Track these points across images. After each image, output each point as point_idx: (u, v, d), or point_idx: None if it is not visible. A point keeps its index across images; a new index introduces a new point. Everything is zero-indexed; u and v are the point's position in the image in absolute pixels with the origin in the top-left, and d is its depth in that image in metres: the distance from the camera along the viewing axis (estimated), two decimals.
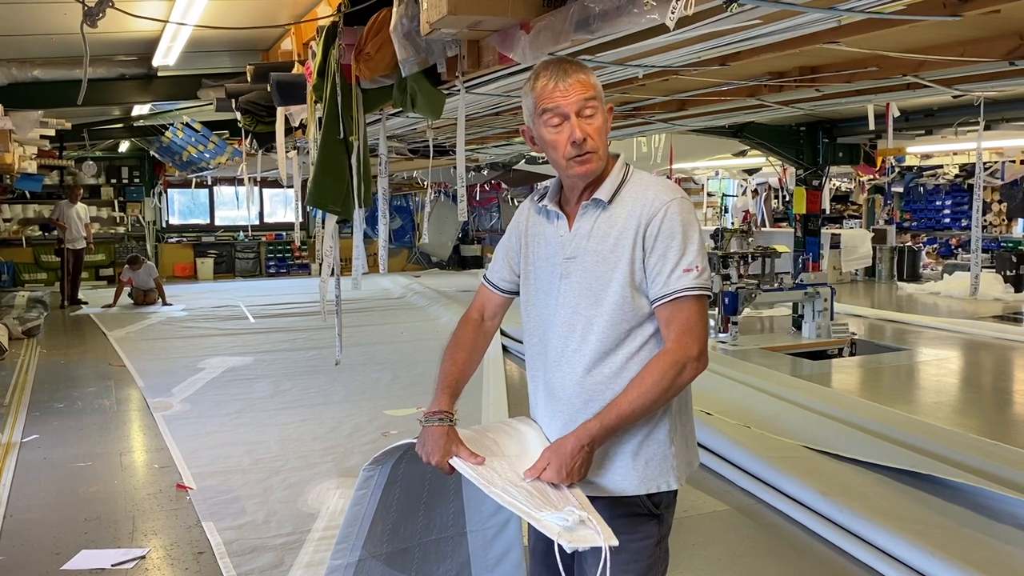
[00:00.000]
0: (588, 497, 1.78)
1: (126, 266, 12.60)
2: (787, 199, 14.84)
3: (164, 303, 12.32)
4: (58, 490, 4.60)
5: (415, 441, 1.94)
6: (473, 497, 2.17)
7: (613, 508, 1.86)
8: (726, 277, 8.42)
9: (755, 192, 18.14)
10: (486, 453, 1.87)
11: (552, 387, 1.94)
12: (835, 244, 13.71)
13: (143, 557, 3.70)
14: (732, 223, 16.98)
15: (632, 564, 1.88)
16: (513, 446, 1.91)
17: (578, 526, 1.60)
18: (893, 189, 16.83)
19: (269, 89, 5.30)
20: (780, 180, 14.10)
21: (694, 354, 1.81)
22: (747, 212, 17.79)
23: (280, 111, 5.62)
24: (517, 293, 2.13)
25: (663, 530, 1.94)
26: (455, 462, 1.83)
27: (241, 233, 16.99)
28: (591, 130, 1.84)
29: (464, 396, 2.09)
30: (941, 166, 14.61)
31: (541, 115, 1.86)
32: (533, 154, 11.80)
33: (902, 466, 4.41)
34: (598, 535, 1.59)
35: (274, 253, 17.41)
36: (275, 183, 13.50)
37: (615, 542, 1.58)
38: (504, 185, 18.12)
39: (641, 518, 1.90)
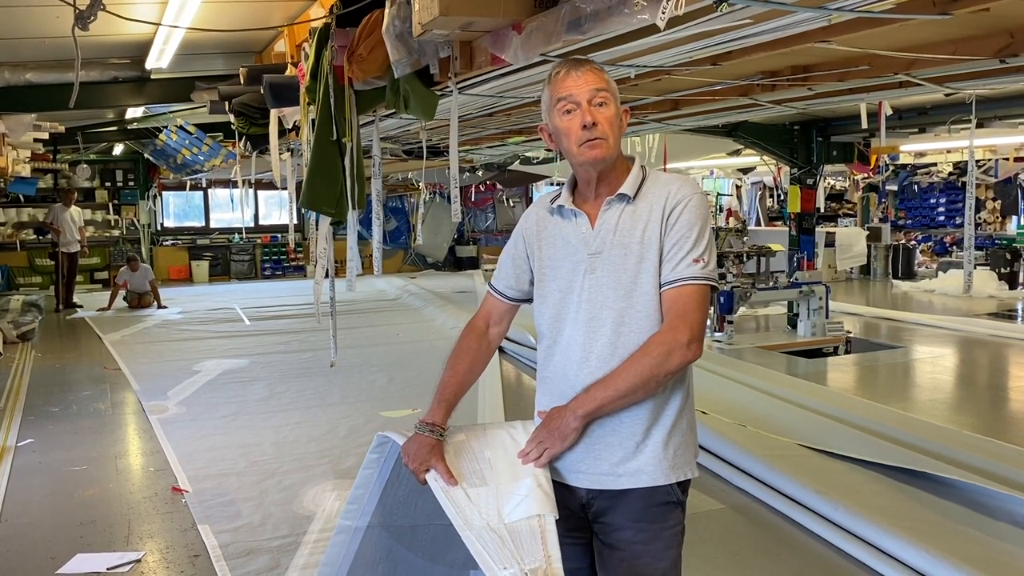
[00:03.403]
0: (623, 490, 1.89)
1: (122, 268, 12.58)
2: (782, 198, 14.88)
3: (159, 306, 12.31)
4: (53, 494, 4.59)
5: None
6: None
7: (649, 498, 1.92)
8: (721, 276, 8.43)
9: (744, 189, 18.21)
10: (476, 469, 1.89)
11: (576, 386, 1.93)
12: (830, 242, 13.72)
13: (139, 560, 3.70)
14: (726, 223, 17.03)
15: (668, 551, 1.95)
16: (504, 464, 1.91)
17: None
18: (887, 187, 16.86)
19: (262, 91, 5.30)
20: (775, 179, 14.14)
21: (683, 340, 1.84)
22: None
23: (273, 113, 5.62)
24: (524, 300, 2.15)
25: (684, 517, 2.01)
26: (430, 477, 1.89)
27: (236, 236, 16.96)
28: (602, 117, 1.90)
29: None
30: (935, 164, 14.64)
31: (556, 104, 1.93)
32: (528, 155, 11.82)
33: (898, 464, 4.41)
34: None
35: (269, 255, 17.39)
36: (270, 185, 13.48)
37: None
38: (499, 186, 18.14)
39: (671, 506, 1.95)
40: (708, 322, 8.44)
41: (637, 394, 1.85)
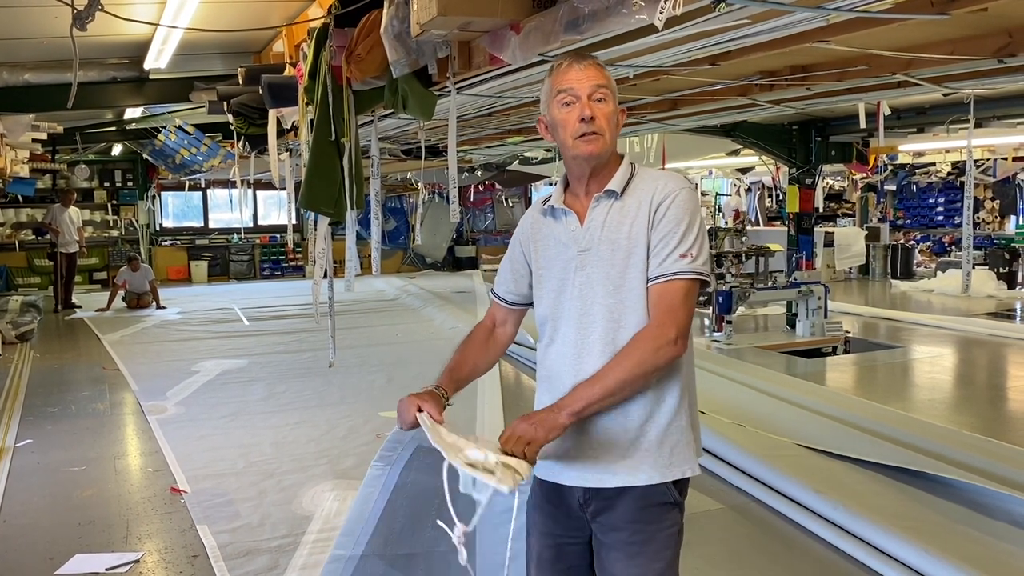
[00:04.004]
0: (618, 488, 1.89)
1: (122, 268, 12.58)
2: (780, 198, 14.88)
3: (158, 306, 12.30)
4: (52, 495, 4.58)
5: (424, 438, 1.96)
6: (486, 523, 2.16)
7: (645, 498, 1.91)
8: (720, 276, 8.44)
9: (748, 190, 18.19)
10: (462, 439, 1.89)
11: (570, 383, 1.91)
12: (829, 242, 13.73)
13: (137, 561, 3.69)
14: (725, 222, 16.99)
15: (663, 552, 1.94)
16: (489, 448, 1.92)
17: (490, 470, 1.65)
18: (886, 187, 16.86)
19: (261, 91, 5.30)
20: (773, 179, 14.14)
21: (671, 336, 1.84)
22: (737, 211, 17.81)
23: (272, 113, 5.62)
24: (526, 304, 2.17)
25: (682, 518, 2.00)
26: (421, 417, 1.89)
27: (235, 236, 16.95)
28: (600, 113, 1.92)
29: (460, 398, 2.09)
30: (934, 164, 14.65)
31: (556, 96, 1.95)
32: (526, 155, 11.82)
33: (897, 463, 4.41)
34: (496, 480, 1.62)
35: (268, 255, 17.38)
36: (269, 185, 13.47)
37: (505, 489, 1.62)
38: (498, 186, 18.13)
39: (667, 506, 1.94)
40: (707, 322, 8.45)
41: (624, 391, 1.85)
